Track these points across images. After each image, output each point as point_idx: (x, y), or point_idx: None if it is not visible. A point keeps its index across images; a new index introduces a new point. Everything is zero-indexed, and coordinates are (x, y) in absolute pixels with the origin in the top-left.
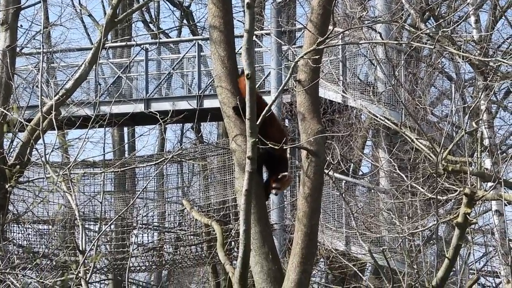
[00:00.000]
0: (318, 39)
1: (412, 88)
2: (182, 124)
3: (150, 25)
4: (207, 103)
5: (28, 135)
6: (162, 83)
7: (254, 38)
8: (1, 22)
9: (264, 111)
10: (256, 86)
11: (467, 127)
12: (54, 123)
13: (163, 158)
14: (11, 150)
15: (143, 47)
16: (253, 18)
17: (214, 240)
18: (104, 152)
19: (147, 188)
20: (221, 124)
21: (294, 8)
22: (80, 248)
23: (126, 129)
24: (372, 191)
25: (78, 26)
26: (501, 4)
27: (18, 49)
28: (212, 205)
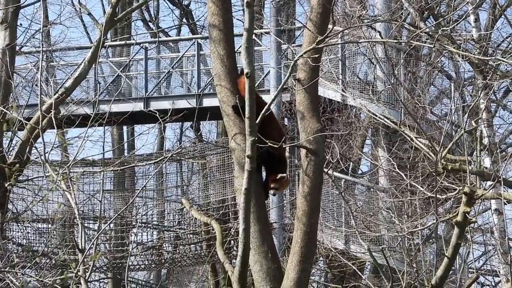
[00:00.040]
0: (317, 38)
1: (411, 87)
2: (181, 122)
3: (150, 24)
4: (207, 102)
5: (28, 134)
6: (162, 81)
7: (253, 36)
8: (0, 20)
9: (264, 109)
10: (256, 85)
11: (467, 126)
12: (53, 122)
13: (162, 157)
14: (11, 148)
15: (142, 46)
16: (252, 17)
17: (213, 238)
18: (103, 151)
19: (147, 187)
20: (220, 123)
21: (293, 7)
22: (80, 246)
23: (125, 127)
24: (372, 190)
25: (78, 24)
26: (500, 3)
27: (17, 47)
28: (211, 203)
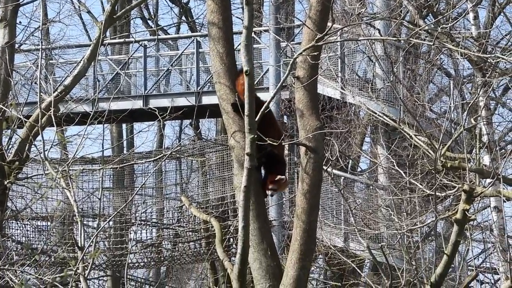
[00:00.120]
0: (316, 36)
1: (410, 84)
2: (180, 120)
3: (149, 21)
4: (206, 100)
5: (27, 132)
6: (161, 79)
7: (252, 34)
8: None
9: (263, 107)
10: (255, 83)
11: (466, 123)
12: (53, 120)
13: (161, 155)
14: (10, 146)
15: (141, 44)
16: (252, 15)
17: (212, 236)
18: (102, 149)
19: (146, 185)
20: (219, 121)
21: (292, 5)
22: (79, 244)
23: (124, 125)
24: (371, 187)
25: (77, 22)
26: (499, 0)
27: (16, 45)
28: (210, 201)
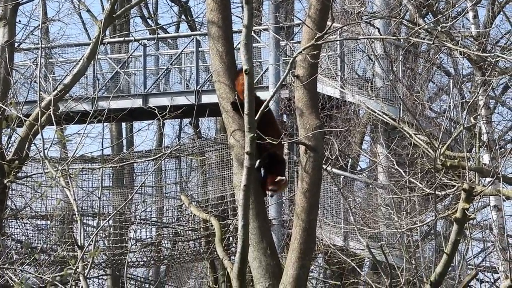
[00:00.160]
0: (316, 35)
1: (410, 83)
2: (180, 119)
3: (148, 20)
4: (205, 99)
5: (27, 130)
6: (160, 78)
7: (252, 33)
8: None
9: (263, 106)
10: (254, 82)
11: (465, 122)
12: (52, 118)
13: (161, 154)
14: (10, 145)
15: (141, 43)
16: (251, 14)
17: (212, 235)
18: (102, 147)
19: (145, 184)
20: (219, 119)
21: (292, 4)
22: (79, 243)
23: (124, 124)
24: (370, 186)
25: (76, 21)
26: None
27: (16, 44)
28: (210, 200)
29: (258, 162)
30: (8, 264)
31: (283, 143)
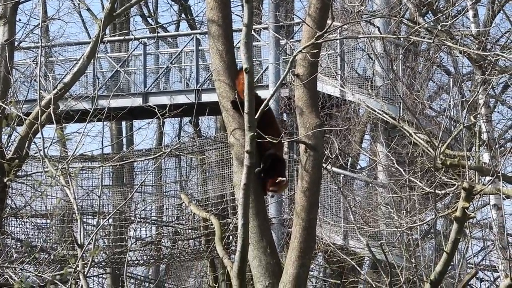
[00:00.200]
0: (316, 33)
1: (410, 82)
2: (180, 118)
3: (148, 19)
4: (205, 97)
5: (27, 129)
6: (160, 77)
7: (252, 32)
8: None
9: (263, 104)
10: (254, 80)
11: (465, 121)
12: (52, 117)
13: (161, 152)
14: (10, 144)
15: (141, 41)
16: (251, 12)
17: (212, 234)
18: (102, 146)
19: (145, 182)
20: (219, 118)
21: (292, 2)
22: (79, 242)
23: (124, 123)
24: (370, 185)
25: (76, 20)
26: None
27: (16, 43)
28: (210, 199)
29: (259, 168)
30: (8, 263)
31: (283, 142)
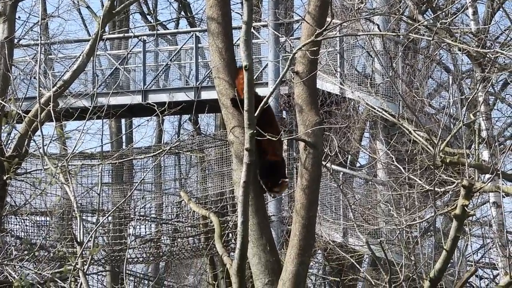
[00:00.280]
0: (316, 31)
1: (409, 79)
2: (179, 115)
3: (148, 16)
4: (205, 95)
5: (26, 127)
6: (160, 74)
7: (251, 29)
8: None
9: (263, 102)
10: (254, 78)
11: (465, 118)
12: (52, 115)
13: (160, 150)
14: (9, 141)
15: (140, 39)
16: (251, 10)
17: (211, 231)
18: (101, 144)
19: (145, 180)
20: (218, 116)
21: (291, 0)
22: (78, 239)
23: (123, 120)
24: (370, 183)
25: (76, 17)
26: None
27: (16, 40)
28: (209, 196)
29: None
30: (7, 261)
31: (282, 139)
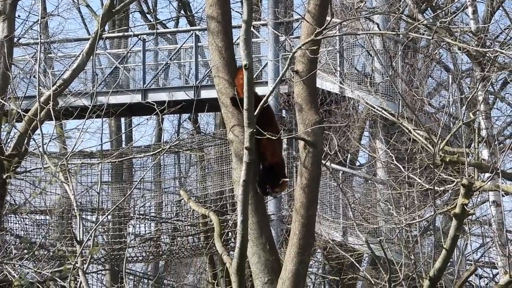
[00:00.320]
0: (315, 30)
1: (409, 78)
2: (179, 114)
3: (148, 15)
4: (205, 94)
5: (26, 126)
6: (159, 73)
7: (251, 28)
8: None
9: (262, 101)
10: (254, 77)
11: (465, 117)
12: (51, 114)
13: (160, 149)
14: (9, 140)
15: (140, 38)
16: (251, 9)
17: (211, 230)
18: (101, 143)
19: (144, 179)
20: (218, 115)
21: None
22: (78, 238)
23: (123, 119)
24: (369, 182)
25: (76, 16)
26: None
27: (15, 39)
28: (209, 195)
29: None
30: (7, 259)
31: (282, 138)
